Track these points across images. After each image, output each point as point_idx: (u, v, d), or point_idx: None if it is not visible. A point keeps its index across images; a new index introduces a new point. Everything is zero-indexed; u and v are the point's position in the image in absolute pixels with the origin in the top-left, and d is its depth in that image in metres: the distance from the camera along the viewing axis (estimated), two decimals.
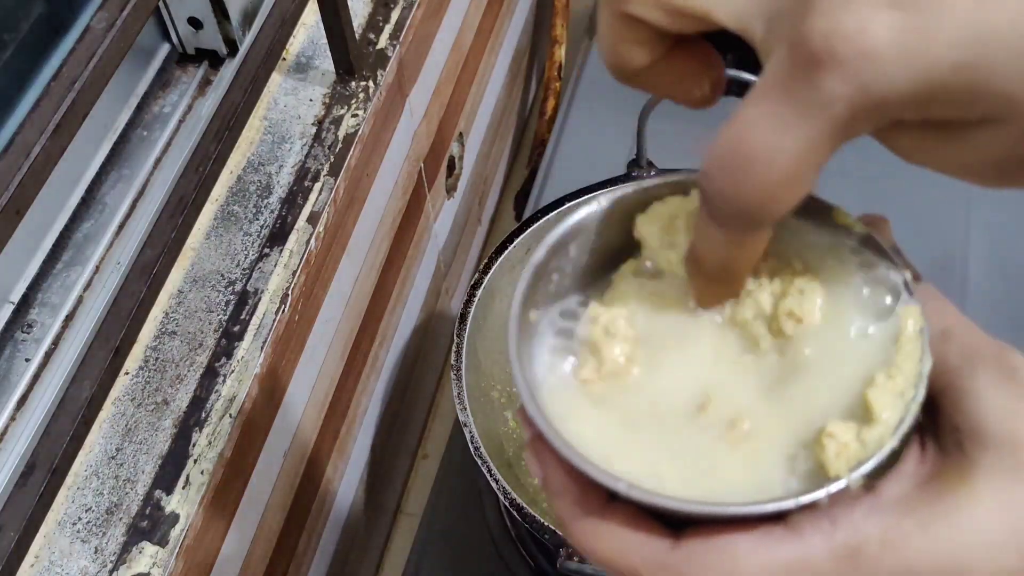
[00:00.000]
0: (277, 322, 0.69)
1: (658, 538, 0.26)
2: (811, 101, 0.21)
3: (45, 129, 0.51)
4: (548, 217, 0.82)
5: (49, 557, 0.60)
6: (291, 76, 0.82)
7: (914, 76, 0.20)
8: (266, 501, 0.76)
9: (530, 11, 1.36)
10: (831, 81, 0.20)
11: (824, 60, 0.20)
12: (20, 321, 0.65)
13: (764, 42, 0.22)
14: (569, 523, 0.27)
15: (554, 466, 0.27)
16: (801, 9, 0.21)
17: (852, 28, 0.20)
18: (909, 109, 0.21)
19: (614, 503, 0.27)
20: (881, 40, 0.20)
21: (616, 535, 0.26)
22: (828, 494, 0.25)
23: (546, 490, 0.28)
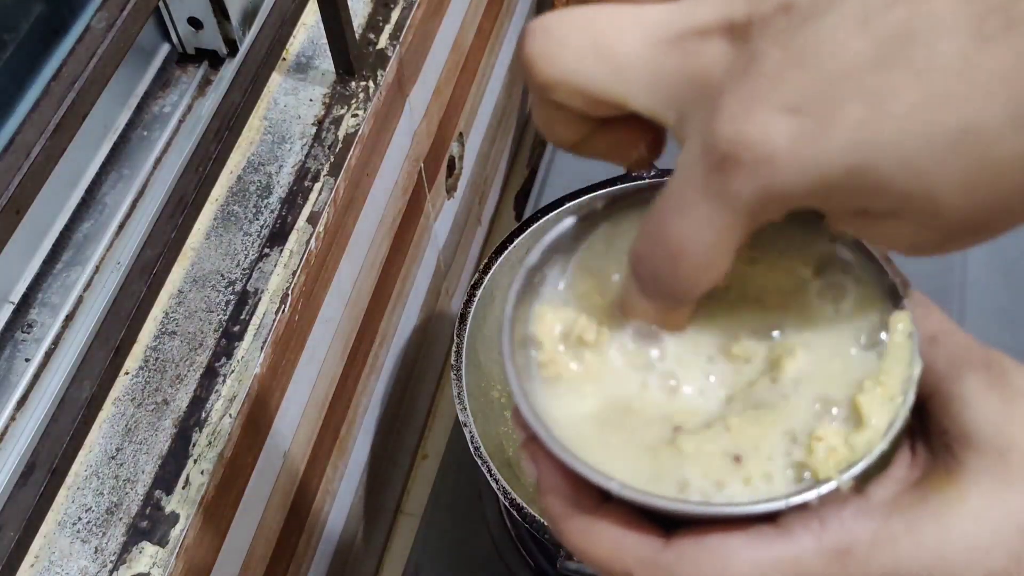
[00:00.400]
0: (277, 322, 0.69)
1: (650, 538, 0.26)
2: (721, 197, 0.23)
3: (45, 129, 0.51)
4: (548, 217, 0.81)
5: (49, 557, 0.60)
6: (291, 76, 0.82)
7: (809, 177, 0.22)
8: (266, 501, 0.76)
9: (530, 11, 1.36)
10: (737, 181, 0.22)
11: (730, 162, 0.22)
12: (20, 321, 0.65)
13: (677, 129, 0.24)
14: (562, 523, 0.28)
15: (548, 466, 0.28)
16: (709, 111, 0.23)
17: (753, 135, 0.22)
18: (811, 202, 0.22)
19: (607, 504, 0.27)
20: (779, 145, 0.21)
21: (608, 535, 0.27)
22: (819, 495, 0.25)
23: (540, 490, 0.28)
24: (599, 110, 0.26)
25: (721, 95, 0.23)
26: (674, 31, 0.24)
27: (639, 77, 0.24)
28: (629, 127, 0.27)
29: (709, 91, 0.23)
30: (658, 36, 0.24)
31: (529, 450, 0.28)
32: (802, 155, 0.21)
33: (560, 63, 0.25)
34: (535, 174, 1.15)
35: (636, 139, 0.27)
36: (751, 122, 0.22)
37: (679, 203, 0.24)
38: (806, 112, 0.21)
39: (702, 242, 0.24)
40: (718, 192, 0.23)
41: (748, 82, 0.22)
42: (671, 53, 0.24)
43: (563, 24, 0.25)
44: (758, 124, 0.22)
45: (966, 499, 0.25)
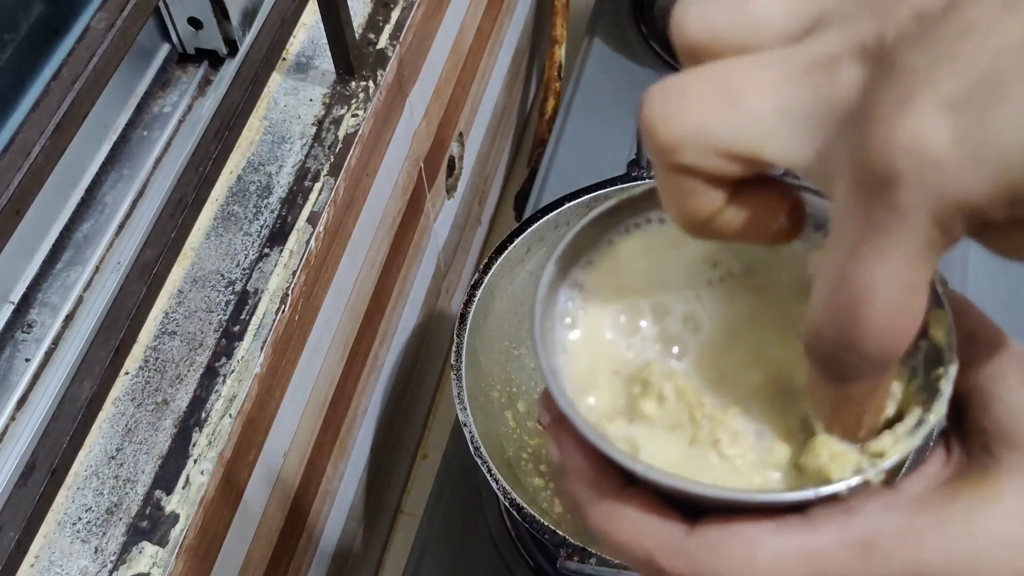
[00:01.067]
0: (277, 322, 0.69)
1: (674, 523, 0.26)
2: (893, 223, 0.20)
3: (45, 129, 0.51)
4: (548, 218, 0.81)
5: (49, 557, 0.60)
6: (291, 76, 0.82)
7: (987, 175, 0.19)
8: (266, 501, 0.76)
9: (530, 11, 1.36)
10: (905, 197, 0.20)
11: (891, 179, 0.20)
12: (20, 321, 0.65)
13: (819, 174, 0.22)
14: (585, 506, 0.27)
15: (572, 448, 0.27)
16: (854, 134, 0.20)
17: (910, 140, 0.19)
18: (996, 208, 0.20)
19: (631, 488, 0.27)
20: (942, 146, 0.19)
21: (631, 519, 0.26)
22: (848, 487, 0.25)
23: (563, 473, 0.28)
24: (732, 167, 0.23)
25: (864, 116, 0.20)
26: (802, 66, 0.22)
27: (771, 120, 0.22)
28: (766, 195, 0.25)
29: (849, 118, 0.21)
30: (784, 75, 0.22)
31: (553, 432, 0.28)
32: (971, 150, 0.19)
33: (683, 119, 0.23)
34: (535, 174, 1.15)
35: (775, 208, 0.25)
36: (903, 127, 0.19)
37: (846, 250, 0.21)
38: (966, 104, 0.19)
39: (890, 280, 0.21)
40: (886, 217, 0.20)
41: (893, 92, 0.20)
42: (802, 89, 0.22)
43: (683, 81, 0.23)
44: (912, 126, 0.19)
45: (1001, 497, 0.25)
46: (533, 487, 0.79)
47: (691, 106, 0.23)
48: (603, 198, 0.82)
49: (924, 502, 0.25)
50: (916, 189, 0.20)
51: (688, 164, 0.23)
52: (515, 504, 0.69)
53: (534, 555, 0.87)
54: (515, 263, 0.82)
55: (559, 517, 0.77)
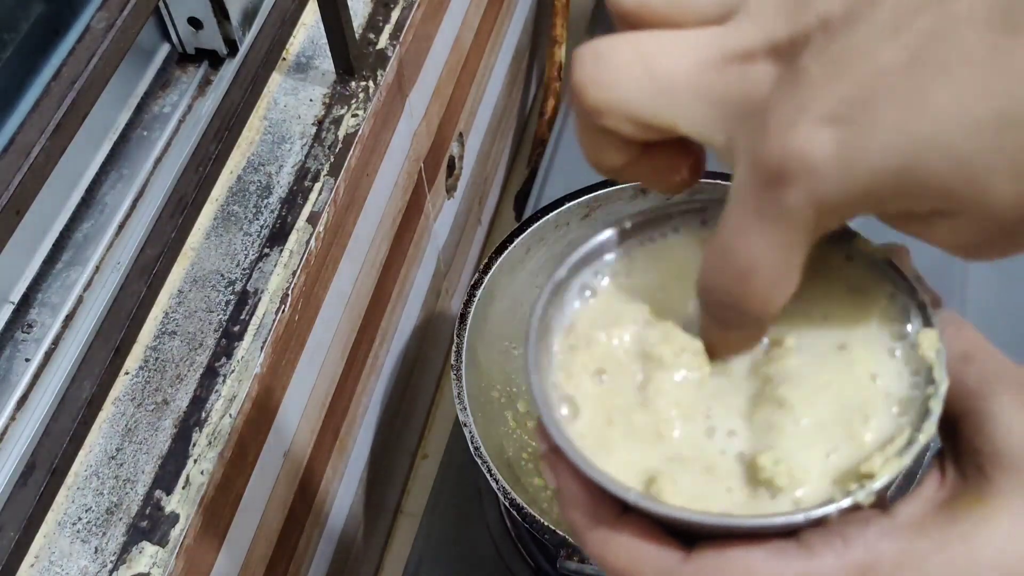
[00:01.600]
0: (277, 322, 0.69)
1: (670, 550, 0.26)
2: (778, 213, 0.23)
3: (45, 129, 0.51)
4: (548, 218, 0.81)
5: (49, 557, 0.60)
6: (291, 76, 0.82)
7: (856, 183, 0.22)
8: (266, 501, 0.76)
9: (530, 11, 1.36)
10: (790, 195, 0.23)
11: (780, 177, 0.23)
12: (20, 321, 0.65)
13: (726, 152, 0.25)
14: (582, 533, 0.28)
15: (568, 477, 0.28)
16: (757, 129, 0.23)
17: (798, 148, 0.22)
18: (865, 208, 0.23)
19: (627, 515, 0.27)
20: (824, 155, 0.22)
21: (628, 546, 0.27)
22: (838, 509, 0.25)
23: (560, 501, 0.28)
24: (647, 135, 0.26)
25: (767, 114, 0.23)
26: (721, 55, 0.24)
27: (689, 102, 0.25)
28: (672, 151, 0.27)
29: (756, 112, 0.23)
30: (706, 61, 0.24)
31: (549, 461, 0.28)
32: (846, 162, 0.22)
33: (612, 89, 0.25)
34: (535, 174, 1.15)
35: (678, 163, 0.28)
36: (795, 136, 0.22)
37: (738, 226, 0.24)
38: (846, 120, 0.22)
39: (766, 261, 0.24)
40: (773, 209, 0.23)
41: (790, 99, 0.23)
42: (719, 76, 0.24)
43: (613, 50, 0.25)
44: (802, 137, 0.22)
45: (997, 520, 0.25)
46: (533, 487, 0.79)
47: (618, 78, 0.25)
48: (603, 199, 0.82)
49: (922, 526, 0.25)
50: (800, 190, 0.23)
51: (609, 127, 0.26)
52: (515, 504, 0.69)
53: (534, 555, 0.87)
54: (515, 263, 0.82)
55: (559, 517, 0.77)
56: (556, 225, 0.82)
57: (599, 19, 1.26)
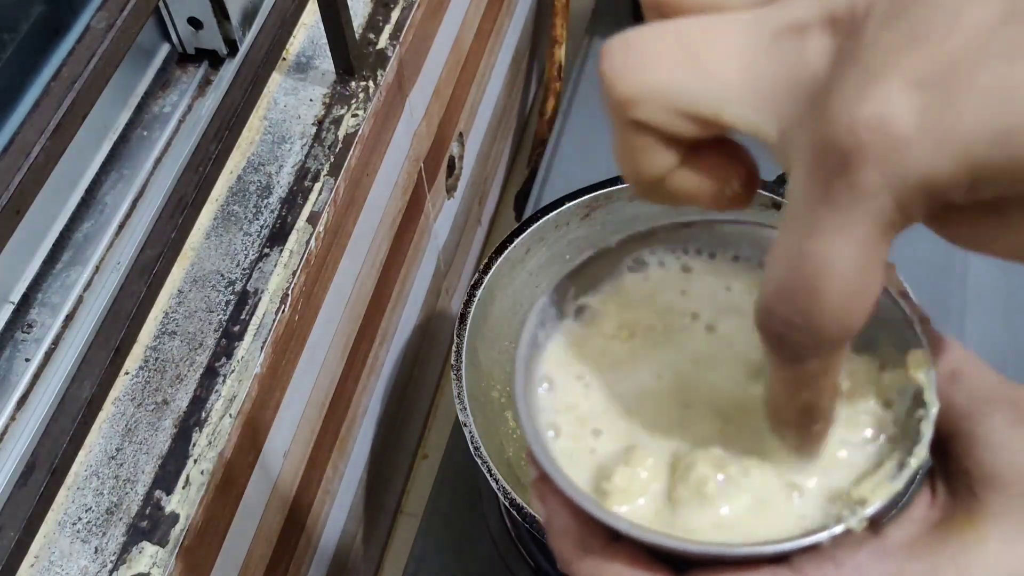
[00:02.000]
0: (277, 322, 0.69)
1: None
2: (853, 200, 0.20)
3: (45, 129, 0.51)
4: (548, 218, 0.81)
5: (49, 557, 0.60)
6: (291, 76, 0.82)
7: (951, 155, 0.19)
8: (266, 501, 0.76)
9: (530, 11, 1.36)
10: (867, 174, 0.19)
11: (854, 155, 0.19)
12: (20, 321, 0.65)
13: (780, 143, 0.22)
14: (571, 563, 0.27)
15: (558, 506, 0.27)
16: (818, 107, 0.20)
17: (875, 116, 0.19)
18: (957, 190, 0.19)
19: (617, 543, 0.27)
20: (907, 124, 0.19)
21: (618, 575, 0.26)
22: (831, 536, 0.25)
23: (549, 531, 0.28)
24: (690, 128, 0.23)
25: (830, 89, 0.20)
26: (769, 31, 0.21)
27: (734, 84, 0.22)
28: (720, 159, 0.24)
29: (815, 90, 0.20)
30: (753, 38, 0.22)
31: (539, 490, 0.28)
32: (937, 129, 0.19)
33: (645, 74, 0.22)
34: (535, 174, 1.15)
35: (728, 173, 0.24)
36: (870, 101, 0.19)
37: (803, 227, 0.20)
38: (933, 83, 0.19)
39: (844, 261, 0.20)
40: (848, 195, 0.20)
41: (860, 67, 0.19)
42: (768, 54, 0.21)
43: (647, 36, 0.23)
44: (879, 103, 0.19)
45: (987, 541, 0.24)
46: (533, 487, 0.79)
47: (654, 61, 0.22)
48: (603, 199, 0.82)
49: (912, 548, 0.25)
50: (879, 167, 0.19)
51: (645, 120, 0.23)
52: (515, 504, 0.69)
53: (534, 555, 0.87)
54: (515, 263, 0.82)
55: None
56: (556, 225, 0.82)
57: (599, 19, 1.26)
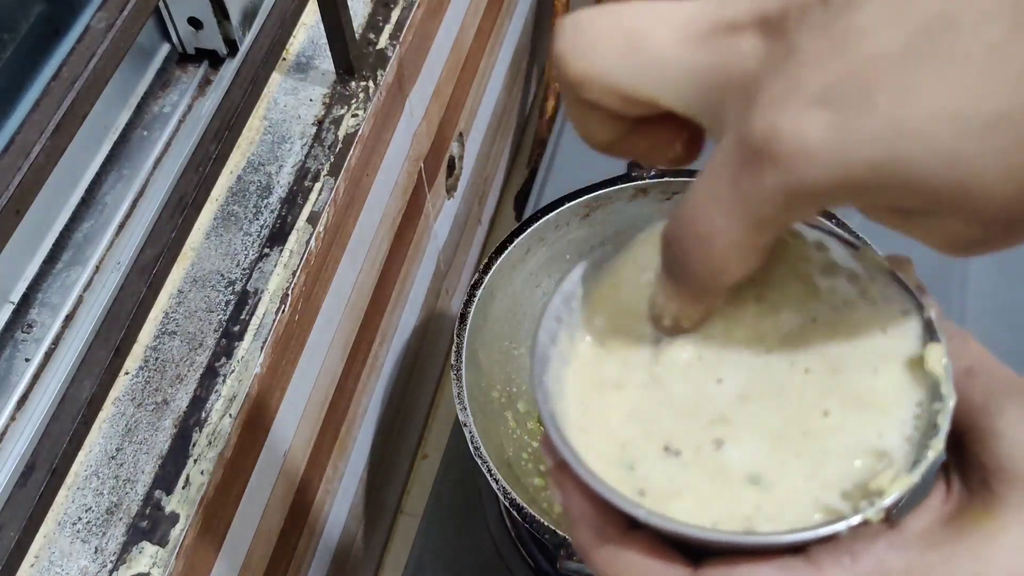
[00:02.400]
0: (277, 322, 0.69)
1: (677, 567, 0.26)
2: (752, 191, 0.22)
3: (45, 129, 0.51)
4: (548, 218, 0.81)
5: (49, 557, 0.60)
6: (291, 76, 0.82)
7: (838, 171, 0.21)
8: (266, 501, 0.76)
9: (530, 11, 1.36)
10: (768, 175, 0.22)
11: (763, 156, 0.22)
12: (20, 321, 0.65)
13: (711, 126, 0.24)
14: (589, 551, 0.27)
15: (575, 494, 0.28)
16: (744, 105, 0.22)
17: (786, 128, 0.21)
18: (843, 199, 0.22)
19: (634, 531, 0.27)
20: (811, 138, 0.21)
21: (635, 563, 0.26)
22: (848, 526, 0.25)
23: (567, 518, 0.28)
24: (632, 108, 0.25)
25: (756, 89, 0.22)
26: (706, 26, 0.23)
27: (671, 74, 0.24)
28: (665, 126, 0.26)
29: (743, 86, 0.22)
30: (690, 32, 0.23)
31: (556, 478, 0.28)
32: (833, 148, 0.21)
33: (592, 59, 0.24)
34: (535, 174, 1.15)
35: (673, 138, 0.27)
36: (784, 115, 0.21)
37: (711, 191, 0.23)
38: (838, 104, 0.21)
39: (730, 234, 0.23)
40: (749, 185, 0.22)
41: (782, 75, 0.22)
42: (703, 49, 0.23)
43: (595, 20, 0.25)
44: (791, 117, 0.21)
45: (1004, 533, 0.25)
46: (533, 487, 0.79)
47: (598, 49, 0.24)
48: (603, 199, 0.82)
49: (929, 539, 0.25)
50: (779, 172, 0.21)
51: (592, 100, 0.25)
52: (515, 504, 0.69)
53: (534, 555, 0.87)
54: (515, 263, 0.82)
55: (559, 517, 0.77)
56: (556, 225, 0.82)
57: None
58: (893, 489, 0.25)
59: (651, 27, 0.24)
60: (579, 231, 0.84)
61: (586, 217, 0.83)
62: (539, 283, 0.86)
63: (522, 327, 0.86)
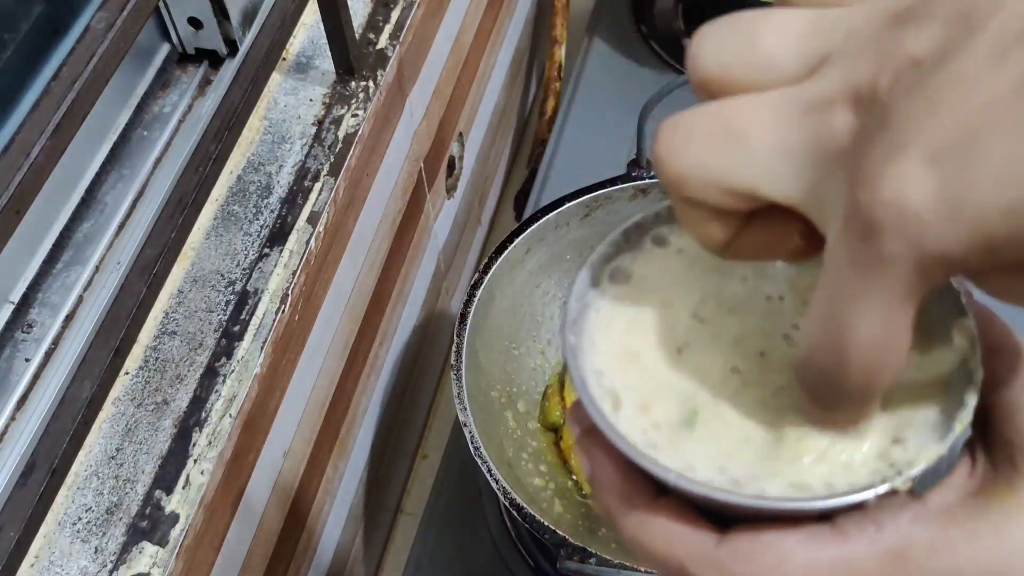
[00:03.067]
0: (277, 322, 0.69)
1: (705, 533, 0.26)
2: (877, 269, 0.21)
3: (45, 129, 0.51)
4: (548, 218, 0.82)
5: (49, 557, 0.60)
6: (291, 76, 0.82)
7: (965, 229, 0.20)
8: (266, 501, 0.76)
9: (530, 11, 1.36)
10: (888, 246, 0.20)
11: (876, 228, 0.21)
12: (20, 321, 0.65)
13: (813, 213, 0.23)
14: (617, 517, 0.28)
15: (603, 460, 0.28)
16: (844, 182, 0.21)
17: (893, 193, 0.20)
18: (974, 259, 0.20)
19: (662, 498, 0.27)
20: (923, 199, 0.20)
21: (662, 529, 0.27)
22: (876, 495, 0.25)
23: (594, 485, 0.28)
24: (735, 202, 0.24)
25: (854, 162, 0.21)
26: (798, 110, 0.23)
27: (765, 162, 0.23)
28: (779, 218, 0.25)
29: (841, 163, 0.22)
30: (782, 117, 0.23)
31: (583, 444, 0.28)
32: (951, 204, 0.20)
33: (687, 156, 0.24)
34: (535, 174, 1.15)
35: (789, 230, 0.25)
36: (888, 180, 0.20)
37: (836, 290, 0.22)
38: (947, 158, 0.20)
39: (873, 325, 0.22)
40: (872, 265, 0.21)
41: (881, 141, 0.21)
42: (796, 132, 0.22)
43: (691, 117, 0.24)
44: (896, 180, 0.20)
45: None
46: (533, 487, 0.79)
47: (695, 143, 0.24)
48: (603, 199, 0.82)
49: (953, 514, 0.25)
50: (898, 240, 0.20)
51: (694, 197, 0.24)
52: (515, 504, 0.69)
53: (534, 555, 0.87)
54: (515, 263, 0.82)
55: (559, 517, 0.77)
56: (556, 225, 0.82)
57: (599, 19, 1.26)
58: (920, 459, 0.25)
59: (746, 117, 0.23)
60: (579, 231, 0.84)
61: (586, 217, 0.83)
62: (539, 283, 0.86)
63: (522, 327, 0.86)
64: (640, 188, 0.82)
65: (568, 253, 0.85)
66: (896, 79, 0.21)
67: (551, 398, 0.87)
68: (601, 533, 0.77)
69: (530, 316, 0.86)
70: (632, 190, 0.82)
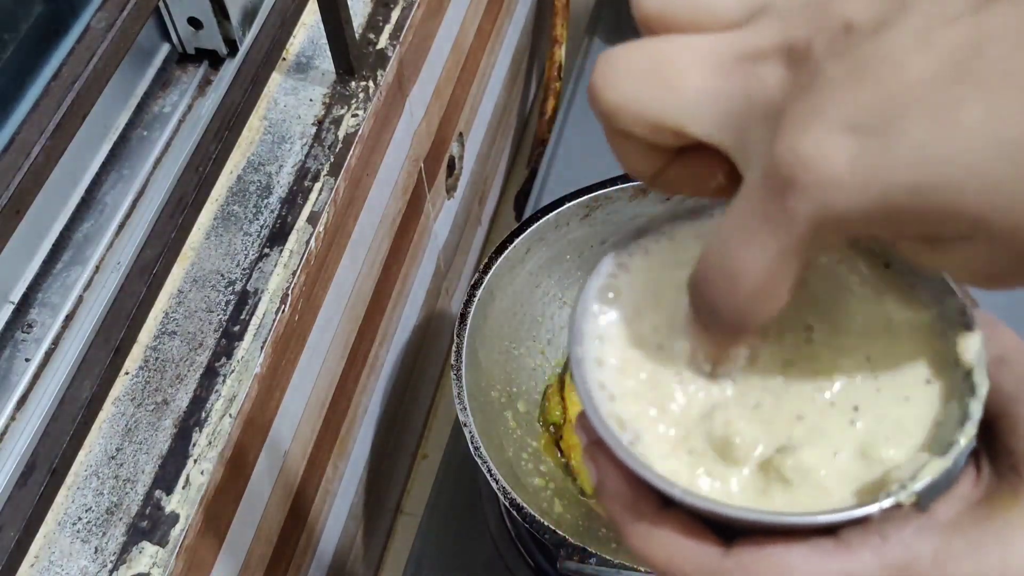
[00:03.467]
0: (277, 322, 0.69)
1: (710, 545, 0.26)
2: (779, 221, 0.22)
3: (45, 129, 0.51)
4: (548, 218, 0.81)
5: (49, 557, 0.60)
6: (291, 76, 0.82)
7: (870, 198, 0.21)
8: (266, 501, 0.76)
9: (530, 11, 1.36)
10: (795, 203, 0.22)
11: (789, 184, 0.22)
12: (20, 321, 0.65)
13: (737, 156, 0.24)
14: (623, 528, 0.28)
15: (610, 471, 0.28)
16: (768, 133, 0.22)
17: (811, 154, 0.21)
18: (874, 227, 0.22)
19: (667, 509, 0.27)
20: (838, 164, 0.21)
21: (668, 541, 0.27)
22: (880, 509, 0.25)
23: (600, 495, 0.29)
24: (664, 138, 0.25)
25: (780, 117, 0.22)
26: (732, 56, 0.23)
27: (696, 103, 0.24)
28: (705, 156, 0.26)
29: (768, 114, 0.22)
30: (716, 61, 0.24)
31: (591, 454, 0.28)
32: (862, 174, 0.21)
33: (620, 89, 0.25)
34: (535, 174, 1.15)
35: (714, 168, 0.26)
36: (809, 142, 0.21)
37: (737, 227, 0.23)
38: (867, 130, 0.21)
39: (759, 267, 0.23)
40: (776, 216, 0.22)
41: (807, 102, 0.22)
42: (728, 78, 0.23)
43: (628, 53, 0.25)
44: (816, 143, 0.21)
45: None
46: (533, 487, 0.79)
47: (630, 78, 0.25)
48: (603, 199, 0.82)
49: (957, 525, 0.26)
50: (805, 199, 0.21)
51: (626, 130, 0.25)
52: (515, 504, 0.69)
53: (534, 555, 0.87)
54: (515, 263, 0.82)
55: (559, 517, 0.77)
56: (556, 225, 0.82)
57: (599, 19, 1.26)
58: (925, 473, 0.25)
59: (678, 56, 0.24)
60: (579, 231, 0.84)
61: (586, 217, 0.83)
62: (539, 283, 0.86)
63: (522, 327, 0.86)
64: (640, 188, 0.82)
65: (568, 253, 0.85)
66: (829, 42, 0.22)
67: (551, 398, 0.87)
68: (601, 533, 0.77)
69: (530, 316, 0.86)
70: (632, 190, 0.82)
